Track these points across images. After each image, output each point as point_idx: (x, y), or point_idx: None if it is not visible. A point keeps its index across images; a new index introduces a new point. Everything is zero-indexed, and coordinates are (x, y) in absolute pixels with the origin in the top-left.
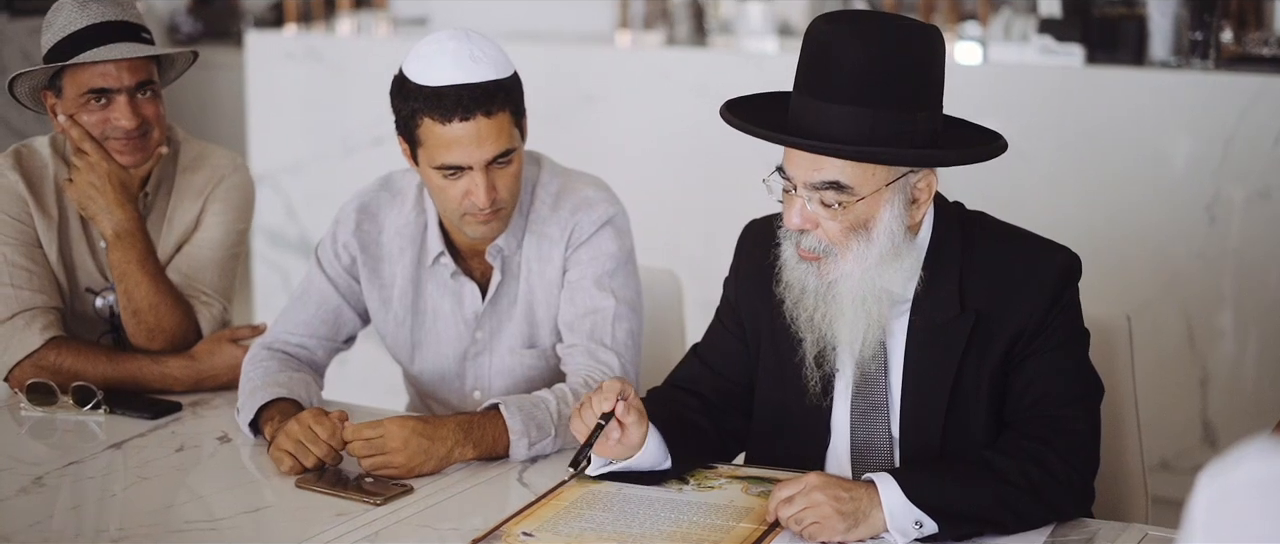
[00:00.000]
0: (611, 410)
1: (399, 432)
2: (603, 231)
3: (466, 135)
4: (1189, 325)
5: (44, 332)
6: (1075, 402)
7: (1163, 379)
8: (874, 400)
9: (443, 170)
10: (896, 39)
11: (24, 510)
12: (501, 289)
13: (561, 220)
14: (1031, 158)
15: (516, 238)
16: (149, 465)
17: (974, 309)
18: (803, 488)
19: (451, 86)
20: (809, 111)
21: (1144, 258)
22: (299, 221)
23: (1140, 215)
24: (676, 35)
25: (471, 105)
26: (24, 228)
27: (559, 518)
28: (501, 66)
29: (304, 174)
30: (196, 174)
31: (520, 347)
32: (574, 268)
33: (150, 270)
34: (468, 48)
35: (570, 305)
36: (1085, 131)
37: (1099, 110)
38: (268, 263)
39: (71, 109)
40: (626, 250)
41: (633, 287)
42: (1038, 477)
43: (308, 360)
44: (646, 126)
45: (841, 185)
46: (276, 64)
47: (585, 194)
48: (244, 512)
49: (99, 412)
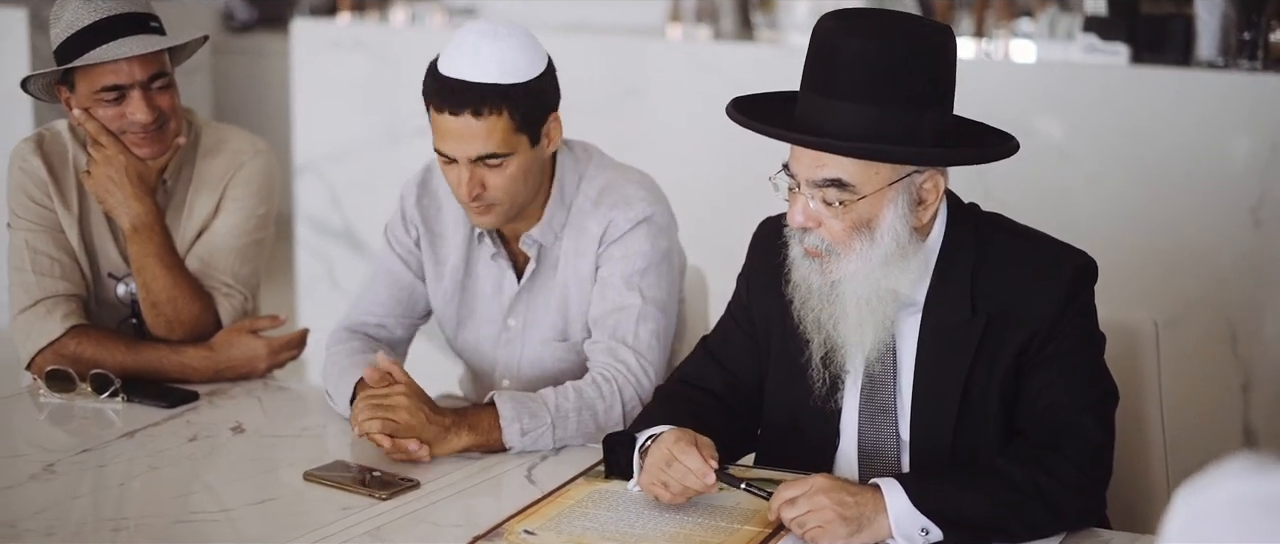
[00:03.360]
0: (721, 466)
1: (405, 396)
2: (637, 230)
3: (454, 129)
4: (1232, 329)
5: (65, 320)
6: (1088, 408)
7: (1204, 383)
8: (881, 403)
9: (439, 155)
10: (904, 36)
11: (32, 497)
12: (537, 279)
13: (600, 216)
14: (1075, 157)
15: (555, 230)
16: (161, 455)
17: (985, 312)
18: (807, 490)
19: (452, 79)
20: (815, 109)
21: (1188, 260)
22: (342, 210)
23: (1185, 217)
24: (722, 29)
25: (462, 102)
26: (47, 213)
27: (563, 516)
28: (513, 71)
29: (348, 163)
30: (216, 159)
31: (552, 339)
32: (606, 265)
33: (168, 262)
34: (482, 46)
35: (600, 301)
36: (1130, 132)
37: (1144, 110)
38: (311, 251)
39: (86, 104)
40: (661, 250)
41: (663, 287)
42: (1048, 484)
43: (387, 340)
44: (686, 120)
45: (843, 183)
46: (322, 53)
47: (626, 192)
48: (250, 503)
49: (116, 400)
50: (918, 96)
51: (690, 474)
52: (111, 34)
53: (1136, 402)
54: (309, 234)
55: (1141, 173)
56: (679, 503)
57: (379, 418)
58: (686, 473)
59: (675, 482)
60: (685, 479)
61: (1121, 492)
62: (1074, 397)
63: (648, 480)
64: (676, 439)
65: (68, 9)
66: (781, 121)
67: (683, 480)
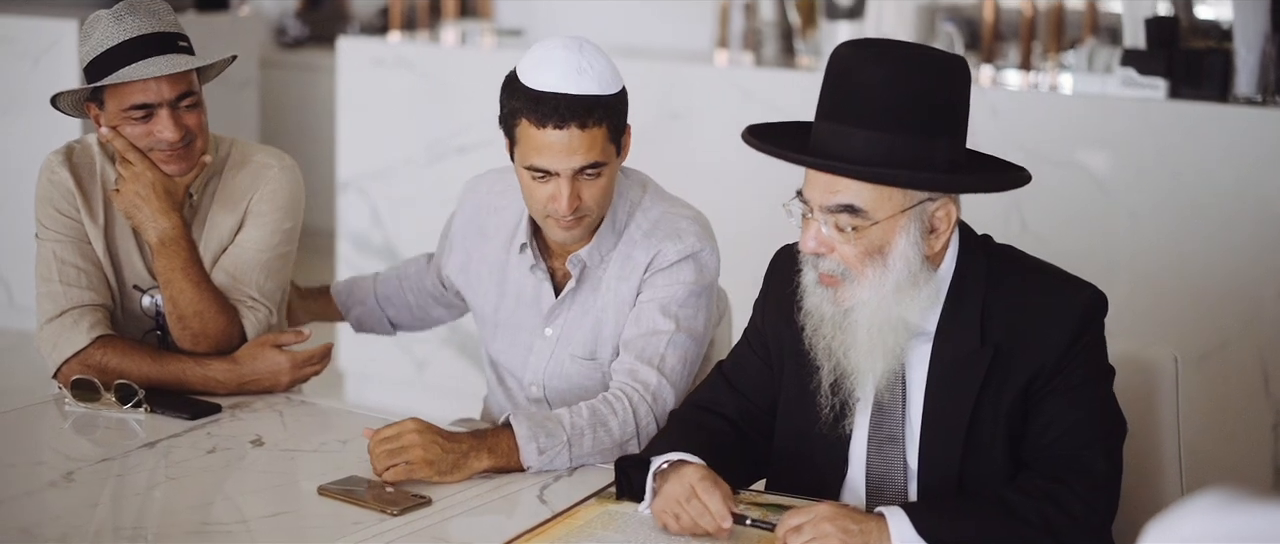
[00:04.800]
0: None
1: (416, 433)
2: (684, 263)
3: (558, 143)
4: (1264, 367)
5: (91, 330)
6: (1095, 441)
7: (1234, 421)
8: (890, 431)
9: (532, 171)
10: (918, 66)
11: (49, 504)
12: (575, 297)
13: (650, 246)
14: (1111, 190)
15: (602, 253)
16: (178, 465)
17: (994, 343)
18: (812, 518)
19: (552, 93)
20: (828, 135)
21: (1223, 296)
22: (383, 227)
23: (1220, 253)
24: (764, 56)
25: (568, 115)
26: (74, 224)
27: (571, 538)
28: (607, 83)
29: (390, 180)
30: (242, 173)
31: (581, 356)
32: (647, 290)
33: (194, 277)
34: (577, 59)
35: (633, 325)
36: (1167, 166)
37: (1181, 145)
38: (352, 267)
39: (114, 121)
40: (704, 286)
41: (700, 320)
42: (1054, 517)
43: (385, 278)
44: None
45: (856, 209)
46: (366, 70)
47: (679, 226)
48: (263, 516)
49: (140, 410)
50: (931, 125)
51: (707, 515)
52: (140, 53)
53: (1154, 437)
54: (350, 251)
55: (1178, 207)
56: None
57: (397, 463)
58: (704, 513)
59: (688, 517)
60: (701, 519)
61: (1134, 528)
62: (1081, 430)
63: (661, 507)
64: (702, 478)
65: (98, 27)
66: (798, 148)
67: (698, 519)
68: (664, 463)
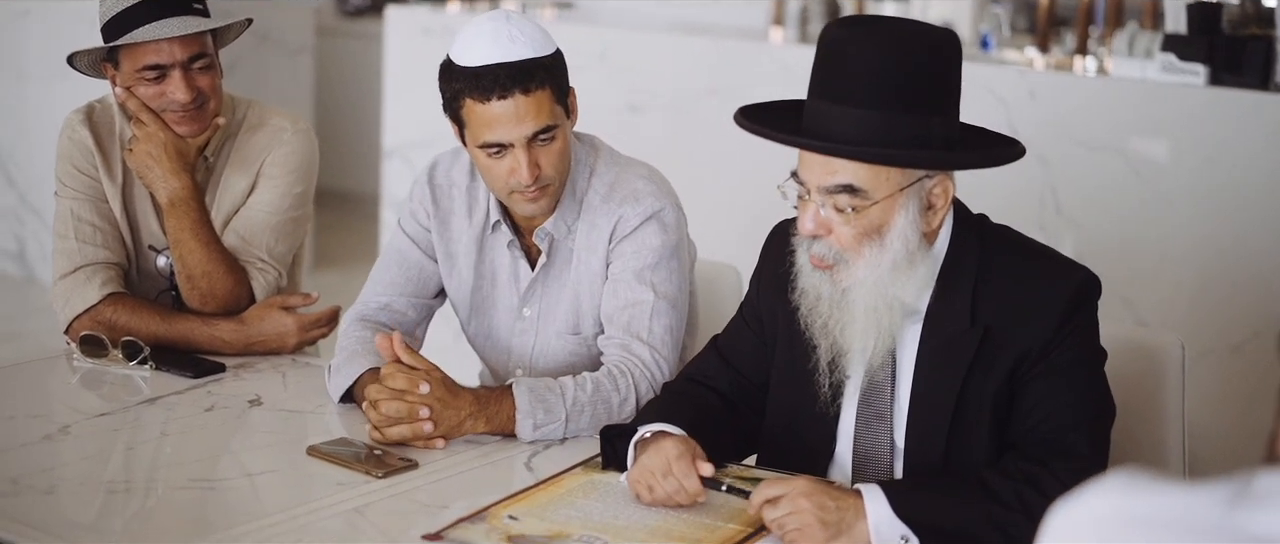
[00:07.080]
0: (712, 477)
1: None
2: (647, 225)
3: (505, 113)
4: None
5: (103, 287)
6: (1080, 424)
7: (1264, 410)
8: (878, 409)
9: (486, 149)
10: (911, 43)
11: (41, 456)
12: (550, 272)
13: (610, 212)
14: (1147, 176)
15: (568, 223)
16: (174, 423)
17: (984, 324)
18: (789, 492)
19: (489, 65)
20: (823, 115)
21: (1256, 286)
22: None
23: (1257, 241)
24: (809, 32)
25: (510, 83)
26: (92, 183)
27: (551, 504)
28: (540, 45)
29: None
30: (256, 135)
31: (566, 332)
32: (617, 261)
33: (204, 238)
34: (505, 28)
35: (612, 298)
36: (1205, 153)
37: (1220, 132)
38: None
39: (129, 82)
40: (671, 245)
41: (675, 282)
42: (1031, 498)
43: (397, 322)
44: None
45: (855, 189)
46: (414, 40)
47: (635, 187)
48: (248, 475)
49: (145, 367)
50: (926, 102)
51: (682, 493)
52: (155, 14)
53: (1157, 425)
54: (393, 218)
55: (1214, 195)
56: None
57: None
58: (679, 490)
59: (662, 490)
60: (675, 494)
61: None
62: (1067, 413)
63: (636, 477)
64: (680, 455)
65: None
66: (790, 128)
67: (672, 494)
68: (646, 432)
